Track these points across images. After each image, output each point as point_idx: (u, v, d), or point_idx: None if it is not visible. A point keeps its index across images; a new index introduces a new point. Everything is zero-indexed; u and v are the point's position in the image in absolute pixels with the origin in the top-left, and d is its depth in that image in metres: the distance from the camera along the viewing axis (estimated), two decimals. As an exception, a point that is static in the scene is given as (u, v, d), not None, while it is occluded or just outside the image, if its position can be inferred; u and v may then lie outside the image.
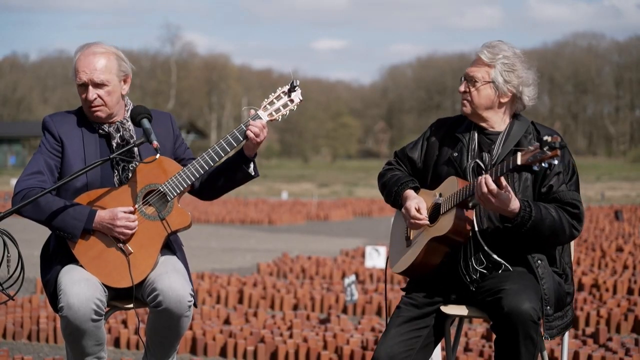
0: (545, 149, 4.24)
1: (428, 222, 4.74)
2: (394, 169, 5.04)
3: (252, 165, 5.04)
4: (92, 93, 4.92)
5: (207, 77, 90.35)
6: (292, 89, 5.02)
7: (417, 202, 4.78)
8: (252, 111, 4.98)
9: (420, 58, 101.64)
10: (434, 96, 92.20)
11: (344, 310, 9.23)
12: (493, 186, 4.45)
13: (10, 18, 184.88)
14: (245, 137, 4.91)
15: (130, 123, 5.03)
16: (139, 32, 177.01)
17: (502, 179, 4.45)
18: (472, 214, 4.66)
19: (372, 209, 25.63)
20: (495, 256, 4.66)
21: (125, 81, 5.04)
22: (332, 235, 18.96)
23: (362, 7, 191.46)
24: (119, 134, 5.00)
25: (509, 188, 4.48)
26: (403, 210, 4.81)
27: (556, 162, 4.24)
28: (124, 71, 5.01)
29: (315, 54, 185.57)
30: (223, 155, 4.92)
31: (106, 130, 5.00)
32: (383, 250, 11.51)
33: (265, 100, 5.00)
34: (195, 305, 4.93)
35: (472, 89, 4.75)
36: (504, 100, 4.77)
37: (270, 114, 4.97)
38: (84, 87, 4.93)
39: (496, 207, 4.52)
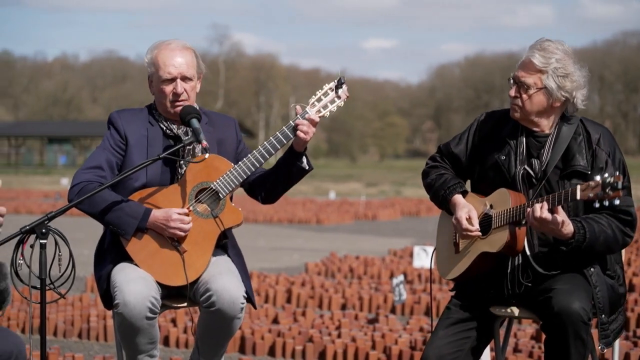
0: (607, 190, 4.14)
1: (480, 234, 4.69)
2: (439, 166, 4.96)
3: (304, 160, 5.05)
4: (181, 87, 4.95)
5: (255, 77, 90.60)
6: (339, 85, 5.02)
7: (468, 212, 4.70)
8: (300, 108, 4.99)
9: (468, 57, 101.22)
10: (482, 95, 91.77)
11: (392, 310, 9.21)
12: (545, 214, 4.36)
13: (61, 18, 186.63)
14: (295, 134, 4.92)
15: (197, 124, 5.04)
16: (187, 32, 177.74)
17: (559, 208, 4.38)
18: (524, 232, 4.60)
19: (420, 209, 25.55)
20: (540, 269, 4.62)
21: (199, 79, 5.08)
22: (380, 235, 18.92)
23: (412, 6, 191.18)
24: (187, 138, 5.00)
25: (564, 214, 4.40)
26: (453, 220, 4.74)
27: (617, 202, 4.16)
28: (201, 69, 5.07)
29: (363, 54, 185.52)
30: (273, 152, 4.93)
31: (175, 132, 5.03)
32: (431, 250, 11.45)
33: (313, 97, 5.01)
34: (254, 306, 4.95)
35: (524, 95, 4.61)
36: (557, 105, 4.63)
37: (318, 111, 4.98)
38: (170, 81, 4.94)
39: (549, 231, 4.46)
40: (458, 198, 4.78)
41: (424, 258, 11.16)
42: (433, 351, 4.62)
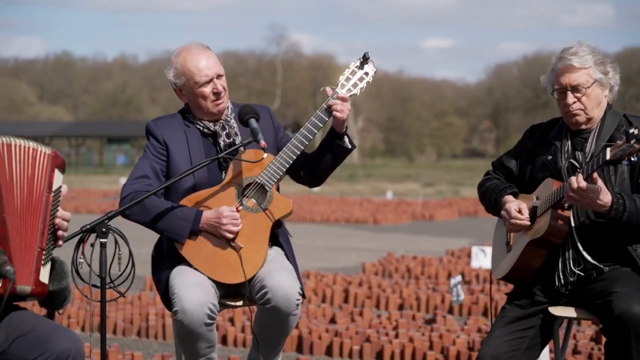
0: (632, 142, 4.17)
1: (529, 222, 4.70)
2: (492, 178, 5.05)
3: (346, 139, 5.05)
4: (220, 84, 4.99)
5: (312, 77, 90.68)
6: (364, 62, 5.05)
7: (518, 204, 4.75)
8: (330, 90, 5.01)
9: (526, 56, 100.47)
10: (540, 94, 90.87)
11: (450, 311, 9.18)
12: (582, 183, 4.39)
13: (120, 19, 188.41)
14: (330, 115, 4.93)
15: (233, 121, 5.08)
16: (245, 33, 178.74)
17: (595, 175, 4.39)
18: (568, 214, 4.61)
19: (478, 209, 25.38)
20: (589, 258, 4.60)
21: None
22: (438, 235, 18.86)
23: (470, 6, 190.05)
24: (224, 132, 5.06)
25: (600, 182, 4.42)
26: (503, 212, 4.77)
27: None
28: (221, 66, 5.10)
29: (422, 53, 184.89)
30: (311, 137, 4.95)
31: (212, 129, 5.06)
32: (489, 250, 11.40)
33: (341, 77, 5.05)
34: (303, 296, 4.95)
35: (581, 96, 4.68)
36: (606, 93, 4.75)
37: (349, 90, 5.01)
38: (209, 82, 4.97)
39: (588, 204, 4.46)
40: (508, 197, 4.84)
41: (481, 258, 11.13)
42: (489, 350, 4.61)
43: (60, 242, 4.07)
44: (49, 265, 3.99)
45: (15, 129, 73.22)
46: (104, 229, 4.41)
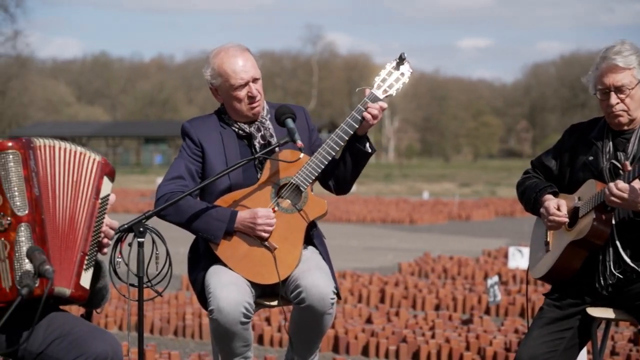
0: None
1: (567, 220, 4.67)
2: (532, 177, 5.01)
3: (367, 144, 5.04)
4: (255, 89, 4.99)
5: (348, 77, 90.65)
6: (400, 62, 5.03)
7: (557, 201, 4.72)
8: (367, 90, 5.00)
9: (564, 55, 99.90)
10: (578, 94, 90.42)
11: (487, 311, 9.14)
12: (622, 185, 4.37)
13: (157, 20, 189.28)
14: (363, 117, 4.92)
15: (269, 122, 5.08)
16: (281, 33, 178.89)
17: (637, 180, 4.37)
18: (611, 216, 4.58)
19: (515, 209, 25.28)
20: (628, 260, 4.57)
21: None
22: (474, 235, 18.79)
23: (507, 5, 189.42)
24: (260, 134, 5.06)
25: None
26: (542, 209, 4.74)
27: None
28: (259, 68, 5.09)
29: (458, 53, 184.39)
30: (346, 138, 4.94)
31: (247, 130, 5.06)
32: (526, 251, 11.33)
33: (377, 77, 5.04)
34: (339, 297, 4.95)
35: (625, 97, 4.64)
36: None
37: (385, 90, 5.01)
38: (244, 86, 4.97)
39: (629, 205, 4.43)
40: (548, 196, 4.79)
41: (518, 259, 11.06)
42: (526, 351, 4.59)
43: (105, 250, 4.08)
44: (91, 271, 4.00)
45: (53, 129, 73.74)
46: (141, 229, 4.43)
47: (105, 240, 4.05)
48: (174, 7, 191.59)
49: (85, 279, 3.95)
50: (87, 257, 3.94)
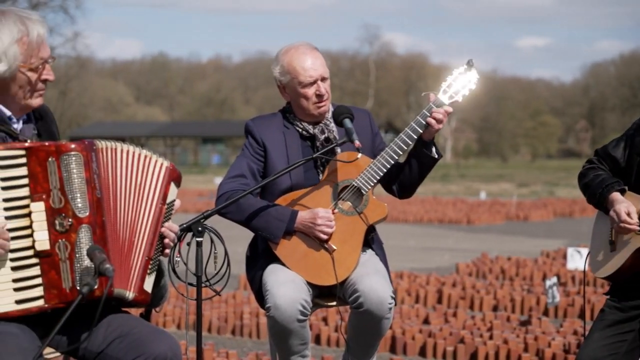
0: None
1: (638, 228, 4.59)
2: (596, 167, 4.86)
3: (433, 149, 5.02)
4: (323, 87, 4.98)
5: (406, 77, 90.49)
6: (468, 68, 4.99)
7: (627, 206, 4.59)
8: (432, 96, 4.97)
9: (623, 54, 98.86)
10: (638, 93, 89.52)
11: (545, 313, 9.08)
12: None
13: (214, 20, 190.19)
14: (427, 122, 4.91)
15: (332, 123, 5.07)
16: (338, 33, 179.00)
17: None
18: None
19: (574, 210, 25.07)
20: None
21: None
22: (532, 236, 18.65)
23: (566, 4, 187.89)
24: (323, 135, 5.05)
25: None
26: (612, 213, 4.64)
27: None
28: (328, 68, 5.09)
29: (516, 52, 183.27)
30: (410, 143, 4.92)
31: (311, 131, 5.06)
32: (585, 252, 11.23)
33: (444, 83, 5.00)
34: (395, 300, 4.94)
35: None
36: None
37: (450, 96, 4.97)
38: (312, 84, 4.97)
39: None
40: (616, 195, 4.68)
41: (577, 260, 10.95)
42: (588, 354, 4.54)
43: (167, 251, 4.11)
44: (154, 275, 4.03)
45: (113, 129, 74.47)
46: (200, 228, 4.46)
47: (167, 241, 4.08)
48: (232, 8, 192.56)
49: (149, 283, 3.98)
50: (151, 262, 3.98)
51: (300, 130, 5.06)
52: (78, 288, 3.66)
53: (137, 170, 3.97)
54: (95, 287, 3.60)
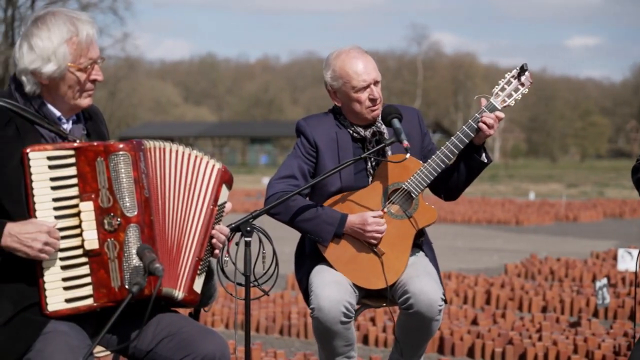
0: None
1: None
2: None
3: (483, 153, 4.98)
4: (376, 91, 4.95)
5: (454, 77, 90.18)
6: (521, 73, 4.94)
7: None
8: (484, 100, 4.93)
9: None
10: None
11: (595, 314, 8.99)
12: None
13: (263, 21, 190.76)
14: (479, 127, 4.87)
15: (383, 125, 5.04)
16: (385, 33, 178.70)
17: None
18: None
19: (624, 210, 24.83)
20: None
21: None
22: (582, 237, 18.50)
23: (617, 3, 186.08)
24: (375, 138, 5.02)
25: None
26: None
27: None
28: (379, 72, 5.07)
29: (566, 52, 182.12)
30: (461, 146, 4.88)
31: (362, 134, 5.03)
32: (636, 252, 11.13)
33: (496, 87, 4.96)
34: (445, 301, 4.92)
35: None
36: None
37: (503, 100, 4.93)
38: (366, 88, 4.93)
39: None
40: None
41: (628, 261, 10.85)
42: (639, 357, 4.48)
43: (217, 252, 4.12)
44: (203, 276, 4.04)
45: (161, 129, 74.90)
46: (248, 228, 4.46)
47: (214, 241, 4.09)
48: (280, 8, 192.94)
49: (198, 284, 4.00)
50: (201, 263, 3.99)
51: (351, 132, 5.03)
52: (126, 287, 3.68)
53: (187, 171, 3.99)
54: (145, 286, 3.62)
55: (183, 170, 3.98)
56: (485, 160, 4.99)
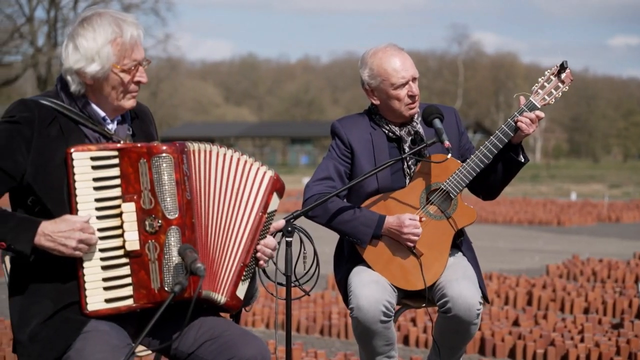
0: None
1: None
2: None
3: (520, 153, 4.95)
4: (415, 88, 4.94)
5: (495, 76, 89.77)
6: (561, 70, 4.90)
7: None
8: (523, 98, 4.90)
9: None
10: None
11: (638, 315, 8.92)
12: None
13: (304, 21, 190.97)
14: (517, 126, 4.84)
15: (420, 125, 5.02)
16: (426, 33, 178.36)
17: None
18: None
19: (667, 211, 24.61)
20: None
21: None
22: (624, 238, 18.35)
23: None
24: (410, 137, 5.01)
25: None
26: None
27: None
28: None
29: (608, 51, 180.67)
30: (500, 146, 4.85)
31: (397, 133, 5.02)
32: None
33: (536, 85, 4.93)
34: (487, 301, 4.90)
35: None
36: None
37: (542, 99, 4.89)
38: (404, 85, 4.91)
39: None
40: None
41: (671, 262, 10.77)
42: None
43: (262, 262, 4.11)
44: (247, 282, 4.05)
45: (202, 130, 75.19)
46: (289, 228, 4.47)
47: (259, 254, 4.08)
48: (321, 8, 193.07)
49: (242, 290, 4.00)
50: (246, 269, 3.99)
51: (386, 132, 5.02)
52: (166, 289, 3.69)
53: (235, 176, 3.99)
54: (187, 286, 3.63)
55: (230, 174, 3.98)
56: (523, 160, 4.96)
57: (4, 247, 3.62)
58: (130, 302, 3.74)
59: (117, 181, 3.72)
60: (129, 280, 3.73)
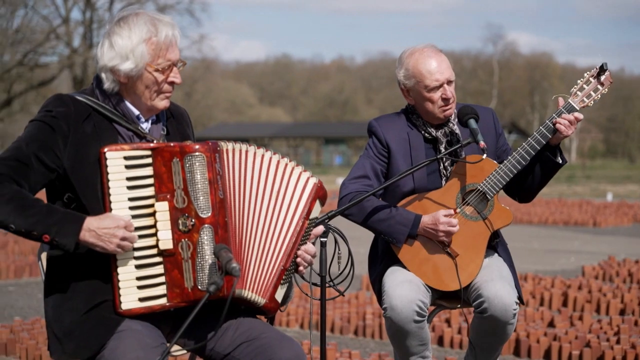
0: None
1: None
2: None
3: (558, 154, 4.91)
4: (449, 91, 4.91)
5: (530, 77, 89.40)
6: (601, 72, 4.86)
7: None
8: (562, 100, 4.86)
9: None
10: None
11: (675, 317, 8.84)
12: None
13: (338, 21, 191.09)
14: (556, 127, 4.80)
15: (456, 126, 5.00)
16: (461, 33, 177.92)
17: None
18: None
19: None
20: None
21: None
22: (661, 239, 18.22)
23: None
24: (446, 139, 4.98)
25: None
26: None
27: None
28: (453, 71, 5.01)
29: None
30: (538, 147, 4.82)
31: (433, 134, 4.99)
32: None
33: (575, 86, 4.89)
34: (522, 302, 4.86)
35: None
36: None
37: (581, 101, 4.85)
38: (439, 87, 4.88)
39: None
40: None
41: None
42: None
43: (302, 268, 4.09)
44: (286, 287, 4.04)
45: (236, 130, 75.41)
46: (324, 228, 4.45)
47: (299, 260, 4.07)
48: (355, 8, 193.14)
49: (280, 293, 3.99)
50: (286, 273, 3.98)
51: (423, 132, 5.00)
52: (199, 288, 3.69)
53: (275, 178, 3.97)
54: (222, 286, 3.62)
55: (269, 176, 3.96)
56: (560, 162, 4.92)
57: (47, 240, 3.63)
58: (163, 301, 3.74)
59: (150, 180, 3.72)
60: (162, 279, 3.74)
